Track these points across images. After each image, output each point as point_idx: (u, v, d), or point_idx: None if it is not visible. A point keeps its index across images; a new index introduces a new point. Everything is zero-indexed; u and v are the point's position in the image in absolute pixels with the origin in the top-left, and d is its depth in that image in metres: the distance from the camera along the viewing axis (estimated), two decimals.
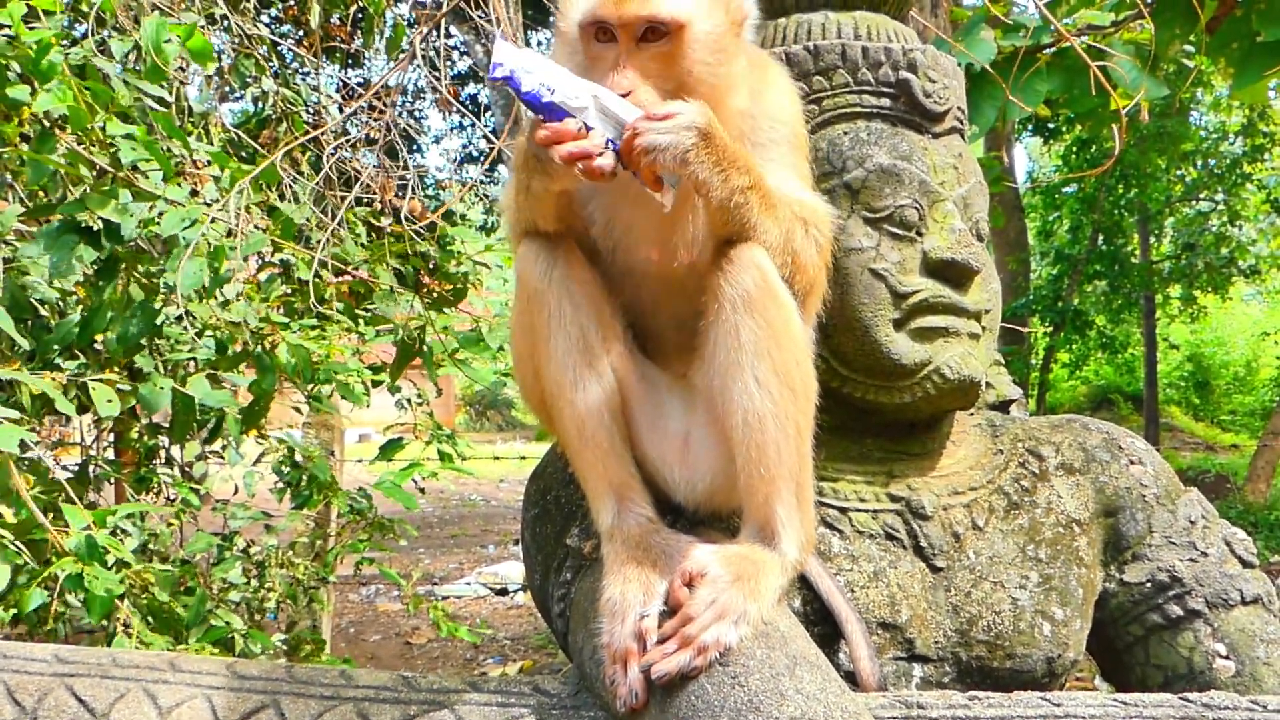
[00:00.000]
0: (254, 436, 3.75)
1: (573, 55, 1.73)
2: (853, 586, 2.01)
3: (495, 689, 1.83)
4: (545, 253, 1.76)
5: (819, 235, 1.80)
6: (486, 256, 4.22)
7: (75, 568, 2.55)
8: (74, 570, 2.55)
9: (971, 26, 4.63)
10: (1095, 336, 16.79)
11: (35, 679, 1.81)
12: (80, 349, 3.23)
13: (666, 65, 1.67)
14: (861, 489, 2.13)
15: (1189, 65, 6.46)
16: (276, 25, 6.97)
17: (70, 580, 2.55)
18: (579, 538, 1.99)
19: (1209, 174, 17.02)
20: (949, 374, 2.05)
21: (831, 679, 1.56)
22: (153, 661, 1.88)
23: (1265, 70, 4.45)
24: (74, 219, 2.88)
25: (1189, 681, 2.08)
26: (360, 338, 3.91)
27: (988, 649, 2.05)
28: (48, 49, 2.73)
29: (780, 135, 1.84)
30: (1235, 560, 2.19)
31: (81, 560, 2.57)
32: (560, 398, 1.78)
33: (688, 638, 1.54)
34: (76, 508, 2.75)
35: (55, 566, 2.57)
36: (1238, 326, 27.16)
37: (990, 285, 2.19)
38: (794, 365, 1.70)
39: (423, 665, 6.81)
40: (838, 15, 2.22)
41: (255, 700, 1.80)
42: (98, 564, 2.60)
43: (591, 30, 1.68)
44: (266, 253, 3.97)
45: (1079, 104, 4.91)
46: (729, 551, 1.68)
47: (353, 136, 5.15)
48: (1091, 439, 2.29)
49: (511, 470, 15.81)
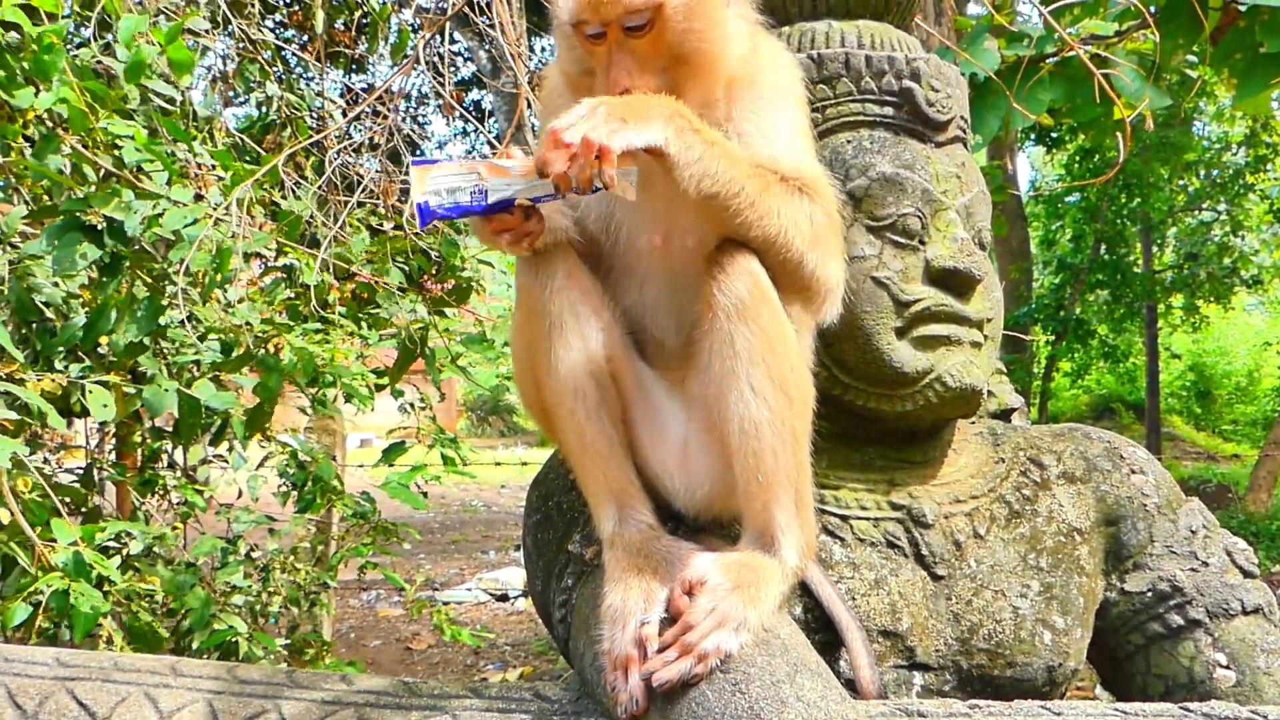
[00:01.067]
0: (259, 440, 3.76)
1: (571, 49, 1.77)
2: (854, 594, 2.01)
3: (496, 695, 1.83)
4: (544, 263, 1.77)
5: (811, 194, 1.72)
6: (489, 256, 4.22)
7: (61, 583, 2.55)
8: (60, 586, 2.54)
9: (976, 35, 4.63)
10: (1097, 346, 16.78)
11: (36, 682, 1.82)
12: (85, 352, 3.24)
13: (656, 45, 1.69)
14: (863, 497, 2.13)
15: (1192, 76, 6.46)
16: (281, 30, 6.99)
17: (55, 596, 2.55)
18: (581, 544, 1.99)
19: (1212, 184, 17.02)
20: (951, 382, 2.06)
21: (832, 686, 1.56)
22: (154, 666, 1.88)
23: (1268, 81, 4.45)
24: (77, 217, 2.89)
25: (1189, 691, 2.08)
26: (364, 341, 3.92)
27: (989, 657, 2.05)
28: (49, 48, 2.74)
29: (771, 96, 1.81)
30: (1236, 570, 2.18)
31: (68, 577, 2.57)
32: (561, 407, 1.78)
33: (688, 645, 1.54)
34: (65, 522, 2.75)
35: (41, 581, 2.57)
36: (1240, 336, 27.12)
37: (992, 294, 2.19)
38: (789, 371, 1.70)
39: (423, 671, 6.81)
40: (841, 24, 2.23)
41: (256, 705, 1.80)
42: (84, 580, 2.60)
43: (582, 31, 1.71)
44: (270, 256, 3.98)
45: (1081, 113, 4.92)
46: (729, 559, 1.68)
47: (356, 141, 5.16)
48: (1093, 448, 2.29)
49: (513, 476, 15.84)
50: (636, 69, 1.68)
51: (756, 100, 1.79)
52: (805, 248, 1.70)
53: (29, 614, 2.62)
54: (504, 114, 9.06)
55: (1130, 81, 4.11)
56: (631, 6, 1.65)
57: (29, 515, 2.82)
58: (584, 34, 1.70)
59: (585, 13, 1.67)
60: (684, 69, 1.71)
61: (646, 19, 1.67)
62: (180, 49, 3.12)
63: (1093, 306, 17.35)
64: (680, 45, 1.70)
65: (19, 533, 2.76)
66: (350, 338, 3.90)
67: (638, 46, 1.69)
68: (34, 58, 2.77)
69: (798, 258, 1.70)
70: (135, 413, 3.51)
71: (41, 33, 2.75)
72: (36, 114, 2.89)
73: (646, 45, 1.69)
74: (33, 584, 2.61)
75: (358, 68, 8.03)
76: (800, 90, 1.88)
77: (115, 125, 2.93)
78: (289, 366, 3.30)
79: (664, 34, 1.68)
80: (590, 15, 1.67)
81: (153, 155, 2.97)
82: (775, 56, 1.87)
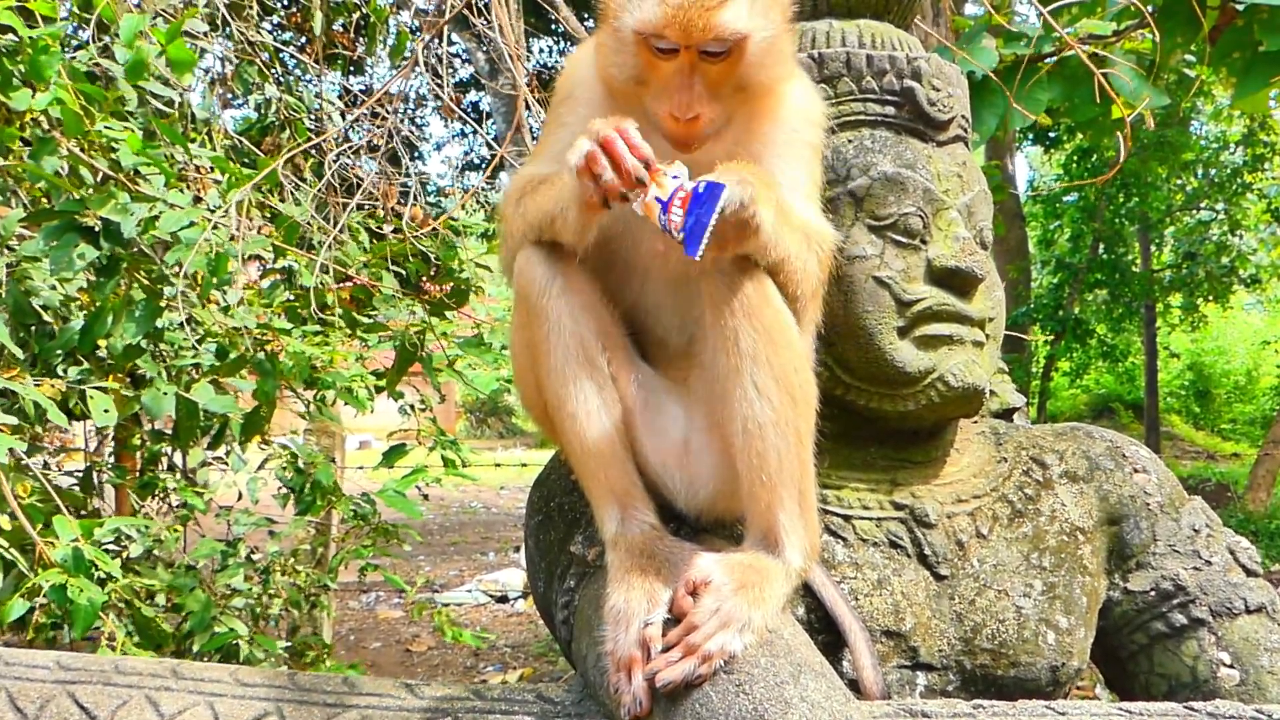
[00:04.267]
0: (258, 443, 3.75)
1: (620, 51, 1.71)
2: (856, 594, 2.01)
3: (499, 696, 1.83)
4: (544, 264, 1.76)
5: (820, 252, 1.81)
6: (488, 259, 4.22)
7: (60, 578, 2.54)
8: (59, 581, 2.53)
9: (973, 35, 4.64)
10: (1096, 345, 16.79)
11: (37, 686, 1.81)
12: (83, 355, 3.23)
13: (727, 73, 1.68)
14: (865, 497, 2.12)
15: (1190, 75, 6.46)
16: (279, 32, 6.98)
17: (54, 592, 2.54)
18: (583, 545, 1.99)
19: (1210, 183, 17.02)
20: (953, 382, 2.05)
21: (836, 687, 1.55)
22: (155, 669, 1.87)
23: (1267, 80, 4.45)
24: (74, 219, 2.88)
25: (1193, 690, 2.08)
26: (362, 343, 3.91)
27: (992, 657, 2.04)
28: (44, 50, 2.74)
29: (800, 139, 1.85)
30: (1239, 569, 2.18)
31: (68, 572, 2.56)
32: (562, 409, 1.78)
33: (692, 646, 1.54)
34: (65, 519, 2.75)
35: (40, 577, 2.56)
36: (1238, 335, 27.12)
37: (994, 293, 2.19)
38: (793, 372, 1.69)
39: (423, 673, 6.80)
40: (842, 23, 2.23)
41: (258, 708, 1.79)
42: (84, 576, 2.59)
43: (652, 43, 1.66)
44: (268, 259, 3.98)
45: (1079, 113, 4.91)
46: (733, 559, 1.67)
47: (355, 144, 5.15)
48: (1095, 447, 2.29)
49: (512, 477, 15.80)
50: (707, 96, 1.66)
51: (788, 145, 1.82)
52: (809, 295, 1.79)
53: (26, 610, 2.60)
54: (502, 116, 9.05)
55: (1129, 80, 4.11)
56: (721, 34, 1.62)
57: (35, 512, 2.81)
58: (653, 46, 1.66)
59: (668, 29, 1.61)
60: (741, 97, 1.71)
61: (728, 47, 1.65)
62: (181, 48, 3.12)
63: (1091, 306, 17.36)
64: (748, 77, 1.70)
65: (21, 536, 2.75)
66: (348, 340, 3.89)
67: (709, 71, 1.66)
68: (30, 60, 2.77)
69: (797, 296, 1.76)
70: (134, 416, 3.50)
71: (37, 35, 2.74)
72: (33, 116, 2.88)
73: (718, 72, 1.67)
74: (31, 582, 2.60)
75: (356, 70, 8.03)
76: (821, 138, 1.92)
77: (113, 128, 2.93)
78: (287, 370, 3.29)
79: (738, 64, 1.68)
80: (674, 33, 1.62)
81: (149, 159, 2.96)
82: (809, 97, 1.90)
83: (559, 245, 1.77)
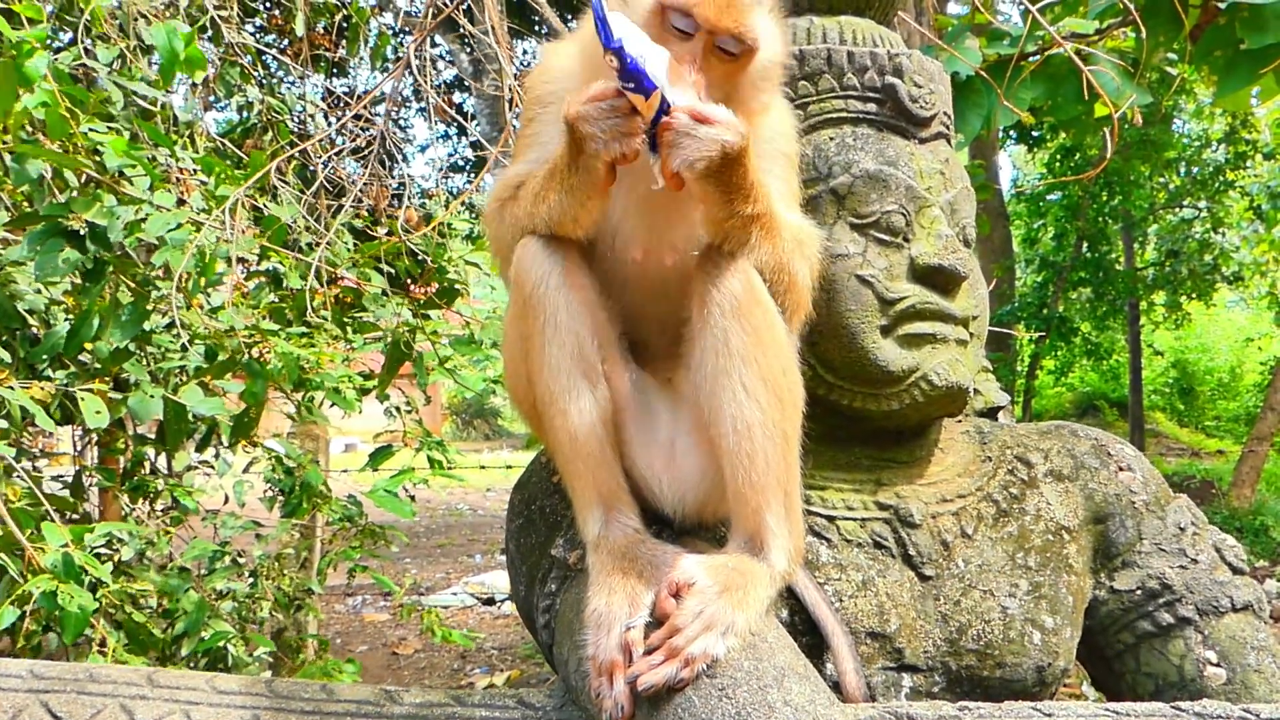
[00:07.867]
0: (244, 446, 3.72)
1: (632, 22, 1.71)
2: (841, 596, 1.99)
3: (479, 703, 1.81)
4: (544, 256, 1.73)
5: (811, 259, 1.82)
6: (475, 256, 4.20)
7: (50, 585, 2.51)
8: (49, 587, 2.51)
9: (956, 34, 4.64)
10: (1080, 343, 16.84)
11: (10, 695, 1.78)
12: (69, 359, 3.19)
13: (727, 77, 1.69)
14: (849, 497, 2.11)
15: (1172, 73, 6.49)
16: (261, 34, 6.95)
17: (44, 598, 2.51)
18: (564, 548, 1.97)
19: (1192, 181, 17.09)
20: (937, 381, 2.04)
21: (820, 691, 1.54)
22: (130, 677, 1.85)
23: (1249, 78, 4.47)
24: (59, 222, 2.86)
25: (1180, 689, 2.07)
26: (349, 345, 3.89)
27: (977, 658, 2.03)
28: (30, 53, 2.71)
29: (777, 150, 1.85)
30: (1225, 567, 2.18)
31: (58, 578, 2.54)
32: (553, 406, 1.75)
33: (674, 649, 1.52)
34: (55, 525, 2.72)
35: (30, 584, 2.53)
36: (1222, 333, 27.25)
37: (977, 291, 2.18)
38: (781, 373, 1.68)
39: (410, 676, 6.77)
40: (823, 20, 2.22)
41: (235, 715, 1.77)
42: (74, 582, 2.56)
43: (671, 17, 1.65)
44: (254, 262, 3.95)
45: (1062, 111, 4.93)
46: (717, 561, 1.66)
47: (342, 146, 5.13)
48: (1080, 446, 2.28)
49: (498, 479, 15.74)
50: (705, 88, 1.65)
51: (769, 158, 1.82)
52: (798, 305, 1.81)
53: (16, 617, 2.57)
54: (486, 117, 9.03)
55: (1115, 78, 4.12)
56: (745, 33, 1.65)
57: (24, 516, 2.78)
58: (671, 22, 1.65)
59: (699, 6, 1.62)
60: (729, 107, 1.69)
61: (740, 49, 1.67)
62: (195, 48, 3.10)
63: (1075, 304, 17.41)
64: (742, 89, 1.72)
65: (10, 542, 2.72)
66: (335, 342, 3.86)
67: (714, 66, 1.67)
68: (14, 63, 2.73)
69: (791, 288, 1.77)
70: (119, 419, 3.47)
71: (21, 38, 2.71)
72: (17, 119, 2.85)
73: (721, 72, 1.68)
74: (20, 589, 2.57)
75: (338, 71, 8.00)
76: (796, 149, 1.94)
77: (97, 130, 2.90)
78: (275, 371, 3.26)
79: (740, 71, 1.70)
80: (704, 12, 1.63)
81: (134, 160, 2.94)
82: (785, 114, 1.92)
83: (557, 237, 1.74)
